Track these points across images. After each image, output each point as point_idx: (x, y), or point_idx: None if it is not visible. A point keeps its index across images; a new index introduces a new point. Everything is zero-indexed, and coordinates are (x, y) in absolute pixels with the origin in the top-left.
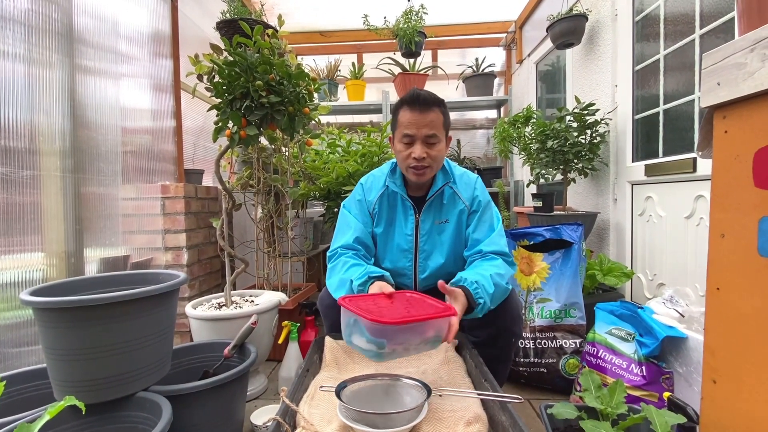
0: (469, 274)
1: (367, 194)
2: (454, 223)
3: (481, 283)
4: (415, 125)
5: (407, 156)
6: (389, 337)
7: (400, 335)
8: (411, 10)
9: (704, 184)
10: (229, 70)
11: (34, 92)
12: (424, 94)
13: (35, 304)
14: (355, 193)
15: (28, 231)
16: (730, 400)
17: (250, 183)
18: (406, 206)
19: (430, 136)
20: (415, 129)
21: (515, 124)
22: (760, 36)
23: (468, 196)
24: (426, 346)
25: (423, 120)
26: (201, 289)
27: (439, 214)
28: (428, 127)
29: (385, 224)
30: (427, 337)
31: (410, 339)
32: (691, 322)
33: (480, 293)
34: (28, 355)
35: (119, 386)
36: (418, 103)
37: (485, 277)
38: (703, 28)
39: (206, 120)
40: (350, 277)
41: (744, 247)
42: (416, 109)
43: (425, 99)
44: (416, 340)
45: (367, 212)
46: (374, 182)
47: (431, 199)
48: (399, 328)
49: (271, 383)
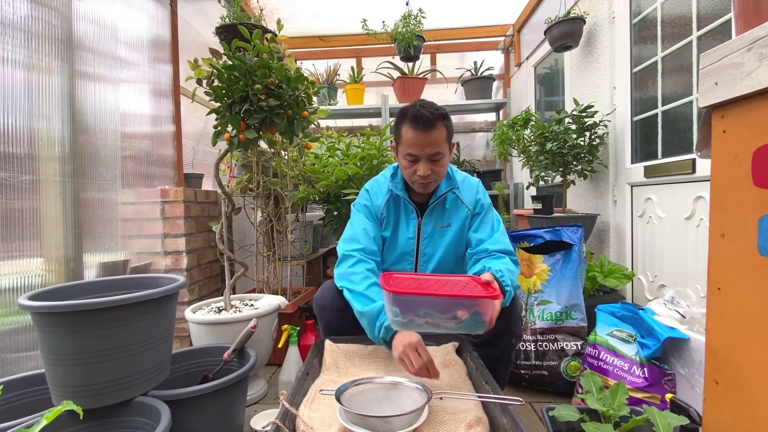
0: (489, 264)
1: (374, 200)
2: (456, 227)
3: (504, 273)
4: (419, 146)
5: (413, 173)
6: (402, 307)
7: (414, 306)
8: (409, 15)
9: (704, 185)
10: (228, 74)
11: (33, 98)
12: (426, 114)
13: (33, 309)
14: (361, 198)
15: (27, 236)
16: (732, 400)
17: (249, 187)
18: (408, 210)
19: (434, 154)
20: (419, 149)
21: (514, 126)
22: (756, 35)
23: (471, 199)
24: (462, 326)
25: (426, 139)
26: (201, 294)
27: (441, 218)
28: (432, 146)
29: (392, 228)
30: (458, 316)
31: (431, 313)
32: (692, 323)
33: (506, 281)
34: (26, 360)
35: (118, 391)
36: (421, 123)
37: (503, 269)
38: (700, 29)
39: (206, 124)
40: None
41: (744, 246)
42: (419, 129)
43: (428, 119)
44: (442, 317)
45: (375, 216)
46: (379, 188)
47: (434, 204)
48: (403, 298)
49: (271, 387)
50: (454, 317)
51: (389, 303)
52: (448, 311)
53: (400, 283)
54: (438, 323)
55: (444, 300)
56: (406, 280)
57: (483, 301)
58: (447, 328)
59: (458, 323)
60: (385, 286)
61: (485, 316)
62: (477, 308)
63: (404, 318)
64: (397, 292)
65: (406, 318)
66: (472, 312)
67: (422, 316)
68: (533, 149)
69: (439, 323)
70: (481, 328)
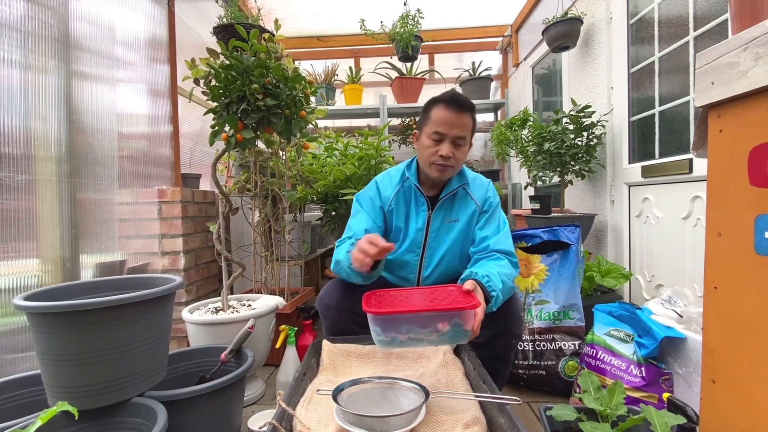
0: (477, 269)
1: (382, 191)
2: (464, 222)
3: (492, 277)
4: (449, 124)
5: (434, 153)
6: (382, 326)
7: (394, 324)
8: (407, 15)
9: (701, 185)
10: (225, 73)
11: (30, 98)
12: (462, 97)
13: (29, 309)
14: (368, 190)
15: (23, 237)
16: (729, 399)
17: (247, 187)
18: (419, 201)
19: (459, 137)
20: (448, 128)
21: (512, 126)
22: (752, 35)
23: (480, 197)
24: (445, 338)
25: (457, 120)
26: (198, 294)
27: (450, 213)
28: (460, 128)
29: (404, 219)
30: (438, 329)
31: (412, 328)
32: (689, 322)
33: (492, 286)
34: (22, 361)
35: (114, 392)
36: (455, 104)
37: (493, 273)
38: (696, 30)
39: (204, 124)
40: (344, 250)
41: (741, 245)
42: (452, 109)
43: (464, 102)
44: (423, 331)
45: (378, 209)
46: (390, 180)
47: (444, 198)
48: (383, 318)
49: (268, 388)
50: (435, 330)
51: (371, 323)
52: (428, 325)
53: (382, 301)
54: (420, 338)
55: (422, 315)
56: (388, 296)
57: (461, 312)
58: (431, 341)
59: (441, 336)
60: (365, 307)
61: (466, 325)
62: (456, 319)
63: (386, 337)
64: (374, 313)
65: (388, 336)
66: (452, 323)
67: (404, 333)
68: (531, 149)
69: (422, 338)
70: (465, 338)
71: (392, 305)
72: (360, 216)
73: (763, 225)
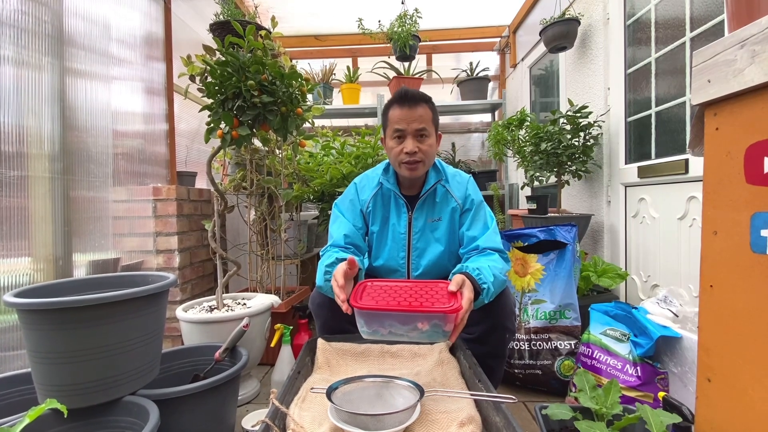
0: (467, 263)
1: (360, 194)
2: (447, 221)
3: (482, 270)
4: (405, 120)
5: (399, 152)
6: (366, 319)
7: (376, 319)
8: (405, 14)
9: (697, 185)
10: (221, 69)
11: (23, 94)
12: (411, 91)
13: (19, 306)
14: (348, 193)
15: (14, 234)
16: (724, 398)
17: (243, 185)
18: (399, 204)
19: (420, 129)
20: (405, 124)
21: (509, 127)
22: (749, 33)
23: (460, 194)
24: (424, 336)
25: (412, 115)
26: (193, 293)
27: (432, 212)
28: (418, 121)
29: (380, 222)
30: (418, 327)
31: (394, 324)
32: (685, 321)
33: (483, 278)
34: (13, 359)
35: (105, 390)
36: (406, 100)
37: (484, 266)
38: (693, 31)
39: (200, 123)
40: (322, 273)
41: (737, 243)
42: (405, 106)
43: (413, 95)
44: (404, 328)
45: (358, 212)
46: (368, 182)
47: (424, 197)
48: (367, 312)
49: (263, 387)
50: (415, 328)
51: (356, 315)
52: (408, 323)
53: (372, 293)
54: (402, 333)
55: (403, 314)
56: (378, 288)
57: (440, 314)
58: (410, 337)
59: (420, 333)
60: (352, 299)
61: (445, 326)
62: (435, 320)
63: (369, 329)
64: (359, 307)
65: (371, 329)
66: (431, 324)
67: (386, 327)
68: (528, 150)
69: (403, 333)
70: (443, 337)
71: (379, 299)
72: (339, 222)
73: (759, 223)
